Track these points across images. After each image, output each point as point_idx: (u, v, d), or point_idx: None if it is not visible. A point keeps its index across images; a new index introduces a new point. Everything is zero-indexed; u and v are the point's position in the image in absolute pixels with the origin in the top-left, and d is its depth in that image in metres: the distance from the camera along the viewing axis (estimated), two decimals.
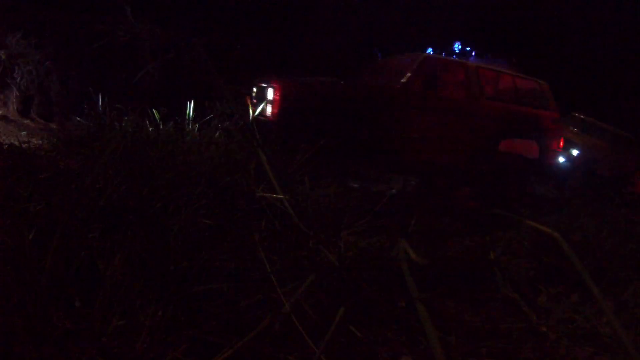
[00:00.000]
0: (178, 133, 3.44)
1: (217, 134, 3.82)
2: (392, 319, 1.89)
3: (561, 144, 6.59)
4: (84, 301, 1.46)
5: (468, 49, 6.22)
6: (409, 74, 5.29)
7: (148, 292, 1.51)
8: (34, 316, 1.33)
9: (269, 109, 4.72)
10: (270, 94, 4.71)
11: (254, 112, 4.36)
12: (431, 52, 6.04)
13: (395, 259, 2.09)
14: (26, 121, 5.72)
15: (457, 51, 6.20)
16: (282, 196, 2.21)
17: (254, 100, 5.36)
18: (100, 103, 3.94)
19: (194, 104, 4.05)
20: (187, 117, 3.91)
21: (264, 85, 4.99)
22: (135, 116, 3.66)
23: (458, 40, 6.32)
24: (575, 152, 9.58)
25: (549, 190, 7.95)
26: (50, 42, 5.71)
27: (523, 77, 6.33)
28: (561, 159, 8.81)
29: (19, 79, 5.88)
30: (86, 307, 1.43)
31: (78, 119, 4.15)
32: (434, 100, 5.38)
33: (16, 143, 2.99)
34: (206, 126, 4.09)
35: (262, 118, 4.72)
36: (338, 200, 2.96)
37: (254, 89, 5.46)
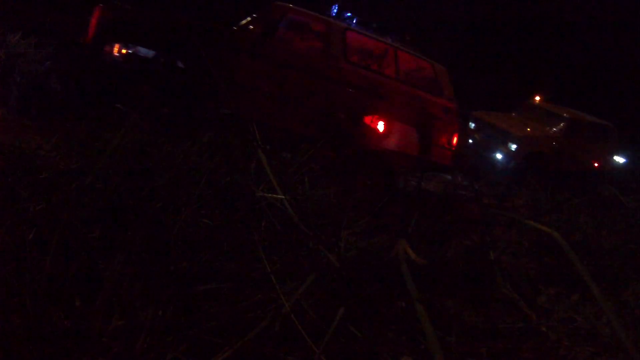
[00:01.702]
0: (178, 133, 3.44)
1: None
2: (392, 319, 1.89)
3: (454, 140, 5.51)
4: (84, 301, 1.46)
5: (349, 14, 5.45)
6: (253, 18, 4.96)
7: (148, 292, 1.51)
8: (34, 316, 1.33)
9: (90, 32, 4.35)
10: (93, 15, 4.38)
11: None
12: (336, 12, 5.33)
13: (395, 259, 2.09)
14: (26, 121, 5.72)
15: (332, 15, 5.39)
16: (282, 196, 2.21)
17: None
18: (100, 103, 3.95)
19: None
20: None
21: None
22: (135, 116, 3.66)
23: (336, 4, 5.45)
24: (514, 147, 8.13)
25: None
26: (51, 42, 5.72)
27: (411, 53, 5.49)
28: (499, 156, 8.15)
29: (19, 79, 5.88)
30: (86, 307, 1.43)
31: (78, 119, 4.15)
32: (271, 49, 4.71)
33: (16, 143, 2.99)
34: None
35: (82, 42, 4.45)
36: (338, 200, 2.97)
37: None
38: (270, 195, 2.28)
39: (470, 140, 8.96)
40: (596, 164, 9.21)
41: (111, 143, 2.08)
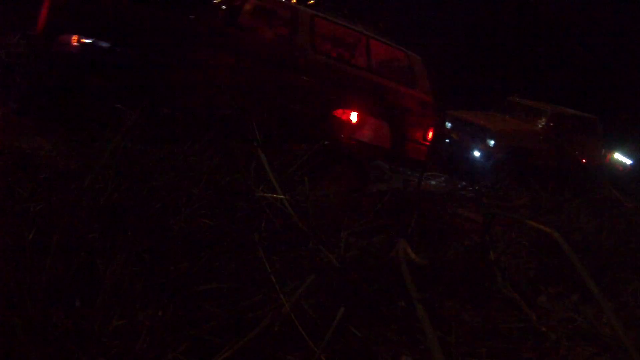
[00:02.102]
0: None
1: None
2: (392, 319, 1.89)
3: (429, 135, 5.20)
4: (84, 301, 1.46)
5: None
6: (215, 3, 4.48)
7: (148, 292, 1.51)
8: (34, 316, 1.33)
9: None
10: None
11: None
12: None
13: (395, 259, 2.09)
14: (26, 121, 5.72)
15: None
16: (282, 196, 2.21)
17: None
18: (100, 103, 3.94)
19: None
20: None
21: None
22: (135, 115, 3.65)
23: None
24: (492, 143, 7.71)
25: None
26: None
27: (385, 42, 5.14)
28: (477, 154, 7.73)
29: (18, 79, 5.88)
30: (86, 307, 1.43)
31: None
32: (233, 38, 4.32)
33: (16, 143, 3.00)
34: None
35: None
36: (338, 200, 2.97)
37: None
38: (270, 195, 2.28)
39: (447, 140, 8.58)
40: (584, 160, 8.84)
41: (111, 143, 2.08)
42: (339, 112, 4.77)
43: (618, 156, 10.71)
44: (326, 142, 3.45)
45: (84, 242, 1.69)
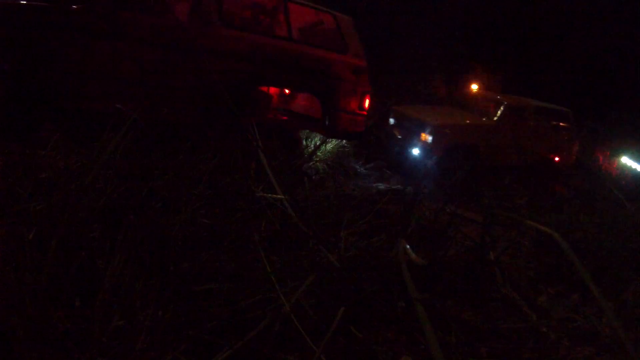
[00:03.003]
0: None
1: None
2: (392, 319, 1.89)
3: (365, 103, 4.73)
4: (84, 301, 1.46)
5: None
6: None
7: (148, 292, 1.51)
8: (34, 316, 1.33)
9: None
10: None
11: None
12: None
13: (395, 259, 2.09)
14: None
15: None
16: (282, 196, 2.21)
17: None
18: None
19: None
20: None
21: None
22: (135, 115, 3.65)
23: None
24: (430, 138, 6.67)
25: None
26: None
27: (305, 4, 4.56)
28: (416, 151, 6.72)
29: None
30: (86, 307, 1.43)
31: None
32: (124, 22, 3.66)
33: (16, 143, 3.00)
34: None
35: None
36: (338, 200, 2.97)
37: None
38: (270, 195, 2.28)
39: (390, 138, 7.63)
40: (556, 158, 8.00)
41: (111, 143, 2.08)
42: (259, 89, 4.38)
43: (626, 161, 9.54)
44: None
45: (84, 242, 1.69)
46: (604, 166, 9.86)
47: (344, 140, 6.27)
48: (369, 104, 4.84)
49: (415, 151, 6.82)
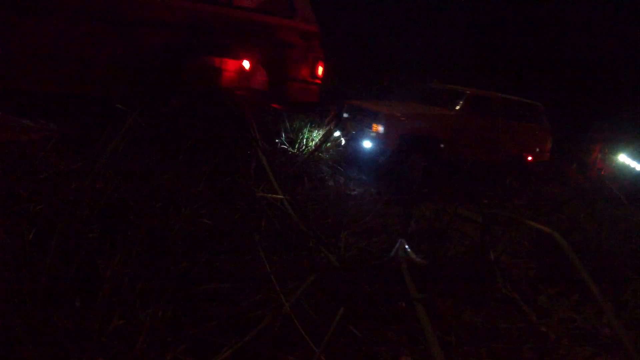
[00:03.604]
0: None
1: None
2: (392, 319, 1.89)
3: (318, 71, 4.38)
4: (84, 301, 1.46)
5: None
6: None
7: (148, 292, 1.51)
8: (34, 316, 1.33)
9: None
10: None
11: None
12: None
13: (395, 259, 2.09)
14: (26, 121, 5.74)
15: None
16: (282, 196, 2.21)
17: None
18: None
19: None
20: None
21: None
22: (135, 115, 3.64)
23: None
24: (381, 129, 5.86)
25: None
26: None
27: None
28: (367, 144, 5.98)
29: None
30: (86, 307, 1.43)
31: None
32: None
33: (16, 143, 3.00)
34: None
35: None
36: (338, 200, 2.97)
37: None
38: (270, 195, 2.28)
39: (342, 133, 6.76)
40: (529, 157, 7.44)
41: (111, 143, 2.08)
42: (197, 61, 3.98)
43: (624, 158, 9.15)
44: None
45: (84, 242, 1.69)
46: (599, 165, 9.48)
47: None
48: (323, 72, 4.45)
49: (367, 144, 6.03)
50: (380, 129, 5.89)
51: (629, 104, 12.52)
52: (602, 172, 9.08)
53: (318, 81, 4.44)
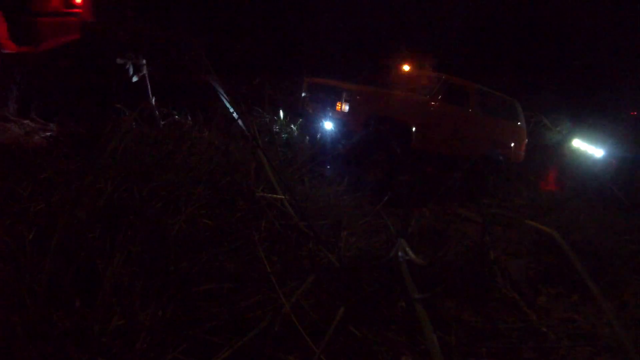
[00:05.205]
0: (178, 133, 3.44)
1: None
2: (392, 319, 1.89)
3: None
4: (84, 301, 1.46)
5: None
6: None
7: (148, 292, 1.51)
8: (34, 316, 1.33)
9: None
10: None
11: None
12: None
13: (395, 259, 2.09)
14: (26, 121, 5.74)
15: None
16: (282, 196, 2.21)
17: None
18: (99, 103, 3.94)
19: (194, 104, 4.05)
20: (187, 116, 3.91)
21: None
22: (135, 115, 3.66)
23: None
24: (346, 108, 5.13)
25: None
26: None
27: None
28: (329, 126, 5.15)
29: (18, 78, 5.88)
30: (86, 307, 1.43)
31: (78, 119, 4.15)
32: None
33: (16, 143, 3.00)
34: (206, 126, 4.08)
35: None
36: (338, 200, 2.96)
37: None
38: (270, 195, 2.28)
39: (301, 116, 6.00)
40: (509, 157, 6.94)
41: (111, 143, 2.08)
42: None
43: (578, 144, 8.28)
44: None
45: (84, 242, 1.69)
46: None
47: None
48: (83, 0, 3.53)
49: (328, 125, 5.27)
50: (346, 107, 5.17)
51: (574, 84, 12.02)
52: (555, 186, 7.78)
53: (77, 10, 3.64)
